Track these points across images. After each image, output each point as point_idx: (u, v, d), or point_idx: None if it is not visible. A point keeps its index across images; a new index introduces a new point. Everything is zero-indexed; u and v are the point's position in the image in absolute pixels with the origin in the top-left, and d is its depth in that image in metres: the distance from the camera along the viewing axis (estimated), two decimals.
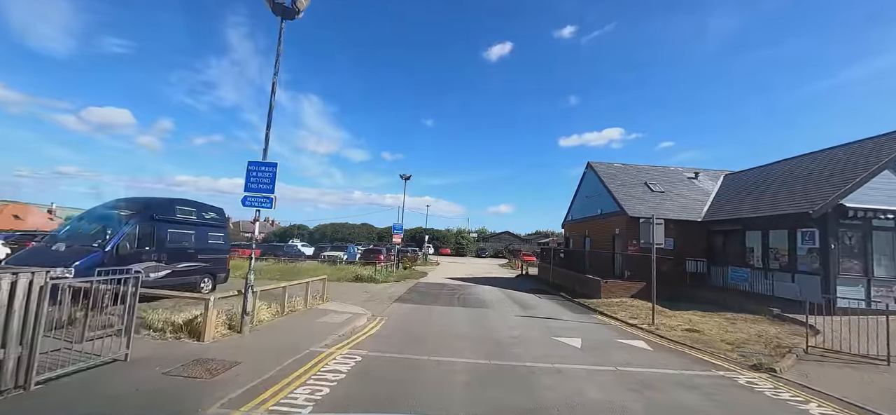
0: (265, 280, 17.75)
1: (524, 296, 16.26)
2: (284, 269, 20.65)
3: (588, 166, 23.06)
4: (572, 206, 25.80)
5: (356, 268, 22.29)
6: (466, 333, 8.28)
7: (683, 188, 20.15)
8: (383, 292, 14.93)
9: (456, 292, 16.21)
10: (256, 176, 7.23)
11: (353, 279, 18.54)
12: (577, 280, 18.37)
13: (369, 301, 12.57)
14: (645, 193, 19.23)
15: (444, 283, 20.26)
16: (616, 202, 18.34)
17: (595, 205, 21.21)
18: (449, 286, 18.65)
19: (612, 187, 19.48)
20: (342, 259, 26.53)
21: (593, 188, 21.77)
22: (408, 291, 15.94)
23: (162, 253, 10.11)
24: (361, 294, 14.16)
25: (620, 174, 21.44)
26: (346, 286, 16.35)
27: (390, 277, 20.25)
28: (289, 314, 9.14)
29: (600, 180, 20.67)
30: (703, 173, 21.90)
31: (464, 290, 17.37)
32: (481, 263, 45.78)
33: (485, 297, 15.16)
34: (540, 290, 18.86)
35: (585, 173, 23.52)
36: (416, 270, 27.10)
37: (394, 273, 22.25)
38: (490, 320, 10.20)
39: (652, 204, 18.22)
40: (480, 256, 59.38)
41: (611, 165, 22.63)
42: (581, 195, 24.09)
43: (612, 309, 12.63)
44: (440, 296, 14.84)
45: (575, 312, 12.63)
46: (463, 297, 14.87)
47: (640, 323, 10.46)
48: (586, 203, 22.74)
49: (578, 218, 24.04)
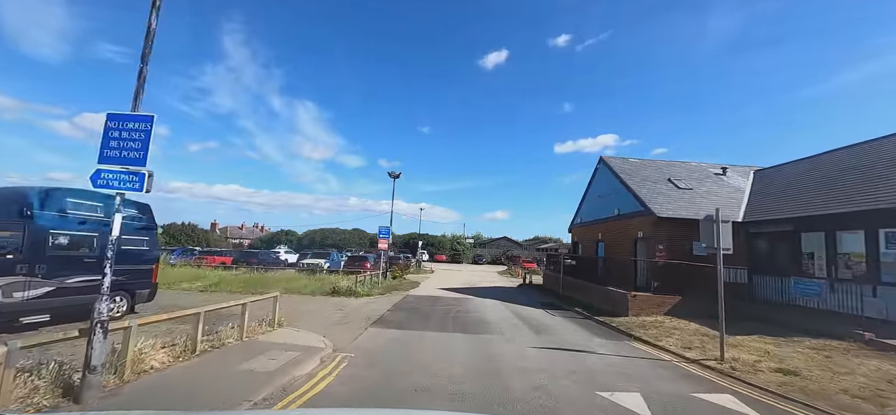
0: (223, 294, 14.83)
1: (534, 313, 13.42)
2: (250, 280, 17.70)
3: (600, 162, 20.40)
4: (581, 207, 23.10)
5: (337, 278, 19.37)
6: (469, 389, 5.42)
7: (712, 185, 17.52)
8: (361, 310, 12.04)
9: (452, 309, 13.35)
10: (119, 139, 4.37)
11: (328, 292, 15.62)
12: (595, 293, 15.59)
13: (339, 325, 9.68)
14: (670, 191, 16.56)
15: (437, 296, 17.39)
16: (638, 201, 15.64)
17: (610, 205, 18.51)
18: (443, 300, 15.78)
19: (632, 184, 16.79)
20: (323, 268, 23.58)
21: (608, 186, 19.08)
22: (393, 307, 13.06)
23: (38, 263, 7.18)
24: (333, 314, 11.26)
25: (639, 170, 18.78)
26: (318, 302, 13.43)
27: (375, 290, 17.35)
28: (206, 352, 6.24)
29: (617, 177, 17.99)
30: (731, 169, 19.32)
31: (461, 305, 14.51)
32: (478, 270, 42.92)
33: (487, 315, 12.30)
34: (550, 304, 16.04)
35: (597, 170, 20.85)
36: (407, 280, 24.19)
37: (380, 284, 19.34)
38: (499, 356, 7.36)
39: (681, 203, 15.55)
40: (477, 262, 56.52)
41: (626, 160, 19.98)
42: (592, 195, 21.39)
43: (652, 333, 9.84)
44: (432, 315, 11.98)
45: (604, 337, 9.82)
46: (460, 316, 12.01)
47: (702, 358, 7.67)
48: (599, 203, 20.04)
49: (589, 220, 21.33)
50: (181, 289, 16.10)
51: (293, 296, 14.81)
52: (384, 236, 19.23)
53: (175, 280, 17.45)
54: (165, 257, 22.91)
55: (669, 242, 14.59)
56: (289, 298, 14.16)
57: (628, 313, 12.48)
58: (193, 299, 12.79)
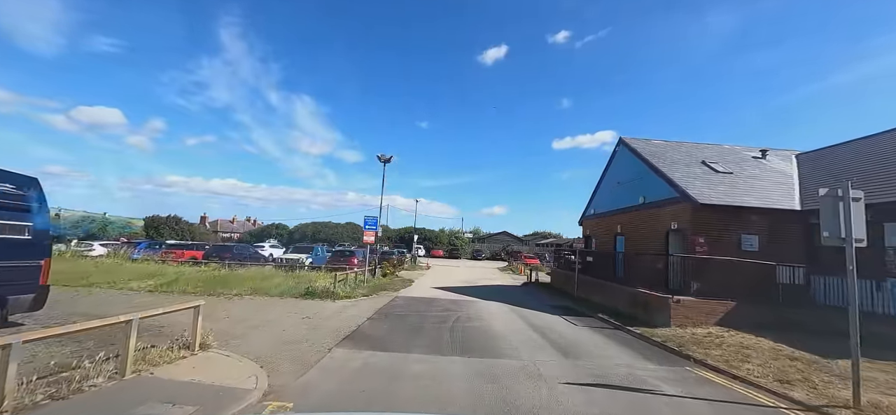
0: (173, 295, 12.02)
1: (551, 322, 10.89)
2: (213, 278, 15.07)
3: (621, 144, 17.84)
4: (595, 196, 20.56)
5: (317, 277, 16.79)
6: None
7: (754, 170, 15.00)
8: (333, 319, 9.47)
9: (449, 316, 10.80)
10: None
11: (301, 294, 13.03)
12: (619, 295, 13.08)
13: (294, 344, 7.11)
14: (708, 175, 14.03)
15: (432, 297, 14.85)
16: (672, 186, 13.10)
17: (633, 192, 15.97)
18: (439, 304, 13.22)
19: (662, 167, 14.24)
20: (305, 264, 20.98)
21: (630, 171, 16.54)
22: (375, 314, 10.50)
23: None
24: (295, 325, 8.69)
25: (667, 151, 16.24)
26: (283, 308, 10.84)
27: (358, 290, 14.77)
28: (40, 407, 3.64)
29: (642, 160, 15.45)
30: (771, 153, 16.81)
31: (460, 309, 11.96)
32: (478, 266, 40.41)
33: (494, 326, 9.75)
34: (566, 309, 13.52)
35: (616, 153, 18.28)
36: (399, 278, 21.63)
37: (366, 283, 16.76)
38: (525, 405, 4.79)
39: (722, 188, 13.03)
40: (476, 258, 54.02)
41: (650, 142, 17.43)
42: (610, 182, 18.84)
43: (716, 354, 7.33)
44: (423, 325, 9.42)
45: (654, 360, 7.29)
46: (460, 327, 9.45)
47: (819, 399, 5.14)
48: (618, 191, 17.50)
49: (606, 211, 18.80)
50: (129, 288, 13.51)
51: (257, 299, 12.22)
52: (371, 228, 16.61)
53: (126, 278, 14.85)
54: (125, 251, 20.25)
55: (712, 234, 12.10)
56: (250, 303, 11.58)
57: (671, 322, 9.97)
58: (126, 304, 10.19)
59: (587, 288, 16.05)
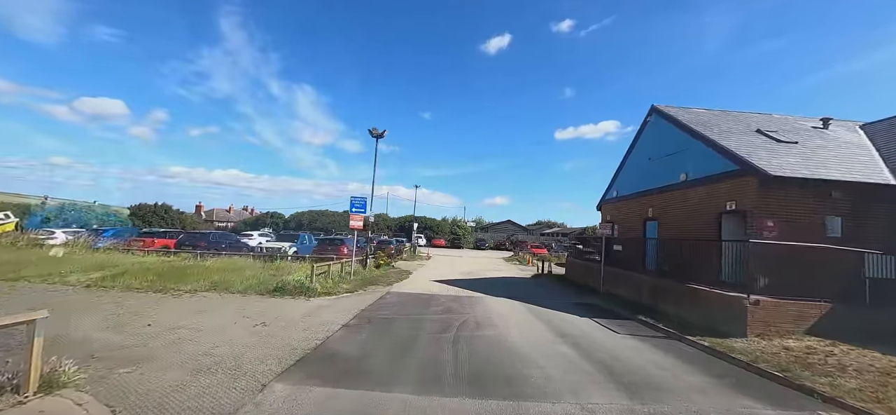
0: (112, 291, 9.19)
1: (584, 327, 8.45)
2: (170, 271, 12.67)
3: (653, 113, 15.22)
4: (618, 177, 18.00)
5: (297, 268, 14.43)
6: None
7: (821, 141, 12.40)
8: (295, 328, 7.06)
9: (451, 321, 8.37)
10: None
11: (269, 291, 10.65)
12: (663, 292, 10.63)
13: (219, 370, 4.68)
14: (769, 144, 11.46)
15: (431, 293, 12.44)
16: (730, 156, 10.55)
17: (671, 168, 13.42)
18: (439, 302, 10.82)
19: (714, 136, 11.68)
20: (288, 253, 18.61)
21: (666, 144, 13.96)
22: (354, 319, 8.08)
23: None
24: (240, 335, 6.28)
25: (712, 120, 13.64)
26: (239, 307, 8.45)
27: (343, 284, 12.36)
28: None
29: (683, 129, 12.87)
30: (833, 123, 14.18)
31: (465, 310, 9.55)
32: (481, 256, 38.03)
33: (512, 337, 7.30)
34: (595, 308, 11.10)
35: (647, 124, 15.67)
36: (395, 269, 19.26)
37: (354, 276, 14.36)
38: None
39: (795, 159, 10.49)
40: (480, 247, 51.63)
41: (689, 110, 14.80)
42: (638, 159, 16.26)
43: (853, 386, 4.89)
44: (417, 337, 7.00)
45: (765, 400, 4.84)
46: (467, 338, 7.03)
47: None
48: (650, 169, 14.93)
49: (633, 193, 16.25)
50: (63, 283, 11.17)
51: (212, 297, 9.85)
52: (359, 211, 14.08)
53: (69, 271, 12.52)
54: (86, 239, 17.90)
55: (783, 215, 9.59)
56: (199, 302, 9.20)
57: (747, 331, 7.52)
58: (26, 303, 7.80)
59: (614, 282, 13.62)
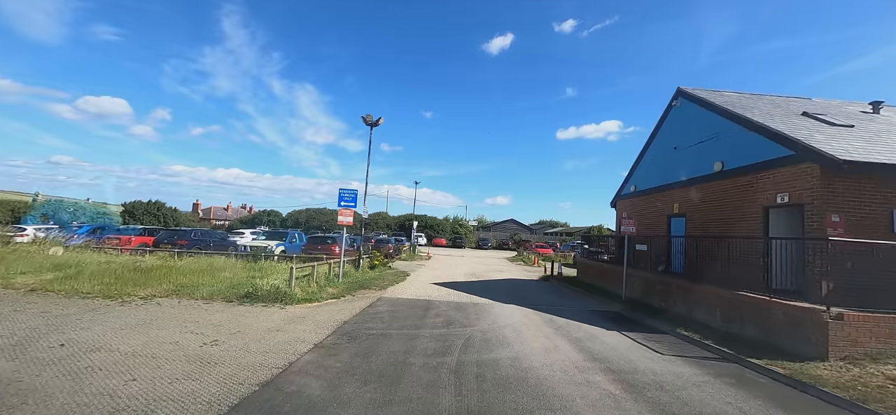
0: (52, 297, 7.78)
1: (618, 346, 6.86)
2: (131, 272, 11.10)
3: (679, 96, 13.61)
4: (636, 171, 16.40)
5: (278, 269, 12.88)
6: None
7: (878, 124, 10.78)
8: (252, 349, 5.48)
9: (453, 338, 6.79)
10: None
11: (239, 297, 9.08)
12: (702, 301, 9.04)
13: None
14: (823, 128, 9.84)
15: (430, 298, 10.86)
16: (783, 141, 8.93)
17: (702, 158, 11.82)
18: (438, 311, 9.23)
19: (759, 119, 10.08)
20: (274, 252, 17.04)
21: (696, 131, 12.35)
22: (331, 337, 6.50)
23: None
24: (171, 363, 4.68)
25: (750, 103, 12.05)
26: (194, 318, 6.87)
27: (328, 288, 10.79)
28: None
29: (719, 112, 11.28)
30: (885, 107, 12.56)
31: (470, 322, 7.98)
32: (484, 256, 36.44)
33: (533, 364, 5.68)
34: (622, 319, 9.52)
35: (671, 110, 14.05)
36: (391, 270, 17.70)
37: (344, 278, 12.78)
38: None
39: (860, 144, 8.85)
40: (482, 247, 50.01)
41: (721, 93, 13.21)
42: (660, 150, 14.64)
43: None
44: (407, 364, 5.39)
45: None
46: (473, 365, 5.43)
47: None
48: (676, 159, 13.33)
49: (654, 187, 14.64)
50: (10, 285, 9.66)
51: (167, 305, 8.29)
52: (348, 205, 12.42)
53: (21, 270, 11.03)
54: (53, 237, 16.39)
55: (851, 210, 8.00)
56: (148, 311, 7.63)
57: (828, 353, 5.93)
58: None
59: (637, 286, 12.03)
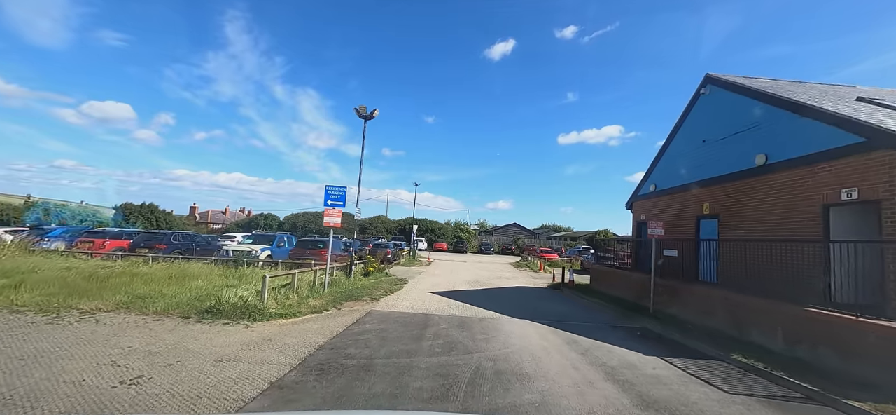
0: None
1: (666, 377, 5.41)
2: (84, 279, 9.69)
3: (708, 84, 12.20)
4: (656, 169, 14.98)
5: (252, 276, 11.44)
6: None
7: None
8: (197, 383, 4.02)
9: (457, 367, 5.35)
10: None
11: (201, 312, 7.63)
12: (756, 318, 7.56)
13: None
14: (890, 113, 8.41)
15: (428, 313, 9.39)
16: (849, 126, 7.50)
17: (739, 150, 10.39)
18: (438, 328, 7.78)
19: (812, 102, 8.67)
20: (259, 258, 15.59)
21: (730, 121, 10.94)
22: (298, 368, 5.05)
23: None
24: (73, 404, 3.23)
25: (794, 89, 10.67)
26: (137, 338, 5.41)
27: (312, 300, 9.34)
28: None
29: (760, 98, 9.88)
30: None
31: (476, 344, 6.54)
32: (487, 261, 34.95)
33: (564, 409, 4.26)
34: (657, 339, 8.06)
35: (699, 99, 12.64)
36: (387, 277, 16.27)
37: (331, 287, 11.34)
38: None
39: None
40: (485, 251, 48.52)
41: (755, 79, 11.80)
42: (685, 144, 13.21)
43: None
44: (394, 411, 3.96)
45: None
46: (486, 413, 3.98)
47: None
48: (705, 155, 11.90)
49: (677, 186, 13.20)
50: None
51: (111, 320, 6.84)
52: (336, 205, 10.92)
53: None
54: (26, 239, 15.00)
55: None
56: (86, 328, 6.18)
57: None
58: None
59: (665, 297, 10.56)
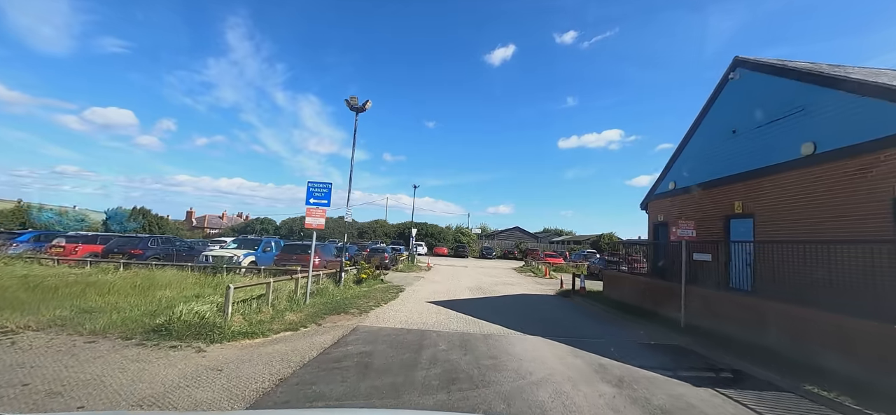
0: None
1: None
2: (35, 289, 8.43)
3: (736, 67, 10.99)
4: (676, 163, 13.75)
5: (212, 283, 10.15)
6: None
7: None
8: None
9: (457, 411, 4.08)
10: None
11: (148, 332, 6.35)
12: (843, 334, 6.29)
13: None
14: None
15: (425, 329, 8.10)
16: None
17: (781, 139, 9.16)
18: (436, 348, 6.50)
19: (870, 78, 7.44)
20: (241, 264, 14.29)
21: (767, 106, 9.72)
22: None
23: None
24: None
25: (838, 72, 9.44)
26: (48, 369, 4.13)
27: (289, 314, 8.05)
28: None
29: (804, 78, 8.66)
30: None
31: (483, 373, 5.28)
32: (488, 266, 33.63)
33: None
34: (701, 361, 6.78)
35: (727, 85, 11.41)
36: (384, 284, 14.98)
37: (315, 298, 10.05)
38: None
39: None
40: (486, 256, 47.18)
41: (787, 62, 10.59)
42: (711, 136, 11.98)
43: None
44: None
45: None
46: None
47: None
48: (736, 146, 10.67)
49: (703, 183, 11.95)
50: None
51: (29, 344, 5.57)
52: (319, 203, 9.51)
53: None
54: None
55: None
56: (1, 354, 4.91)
57: None
58: None
59: (696, 307, 9.27)
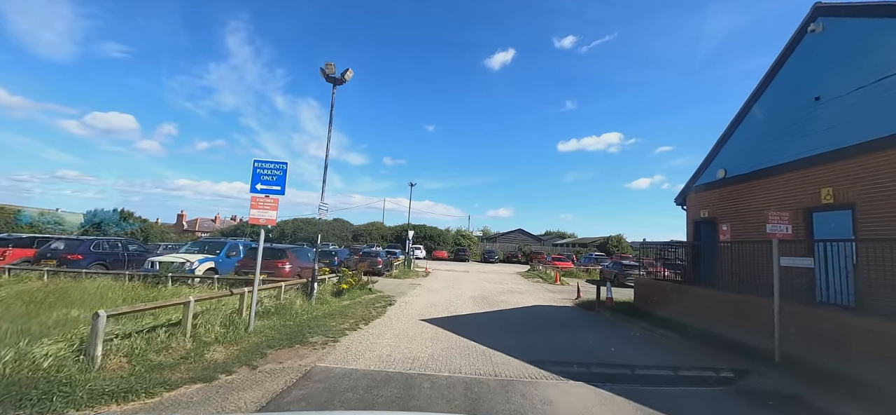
0: None
1: None
2: None
3: (817, 14, 8.51)
4: (725, 146, 11.29)
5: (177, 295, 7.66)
6: None
7: None
8: None
9: None
10: None
11: None
12: None
13: None
14: None
15: (409, 373, 5.63)
16: None
17: (888, 107, 6.69)
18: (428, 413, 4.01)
19: None
20: (194, 272, 11.69)
21: (870, 64, 7.24)
22: None
23: None
24: None
25: None
26: None
27: (216, 346, 5.56)
28: None
29: None
30: None
31: None
32: (491, 271, 31.09)
33: None
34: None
35: (803, 40, 8.92)
36: (372, 294, 12.49)
37: (264, 320, 7.57)
38: None
39: None
40: (488, 260, 44.62)
41: None
42: (779, 106, 9.49)
43: None
44: None
45: None
46: None
47: None
48: (817, 117, 8.20)
49: (765, 168, 9.48)
50: None
51: None
52: (269, 190, 6.80)
53: None
54: None
55: None
56: None
57: None
58: None
59: (795, 332, 6.75)
